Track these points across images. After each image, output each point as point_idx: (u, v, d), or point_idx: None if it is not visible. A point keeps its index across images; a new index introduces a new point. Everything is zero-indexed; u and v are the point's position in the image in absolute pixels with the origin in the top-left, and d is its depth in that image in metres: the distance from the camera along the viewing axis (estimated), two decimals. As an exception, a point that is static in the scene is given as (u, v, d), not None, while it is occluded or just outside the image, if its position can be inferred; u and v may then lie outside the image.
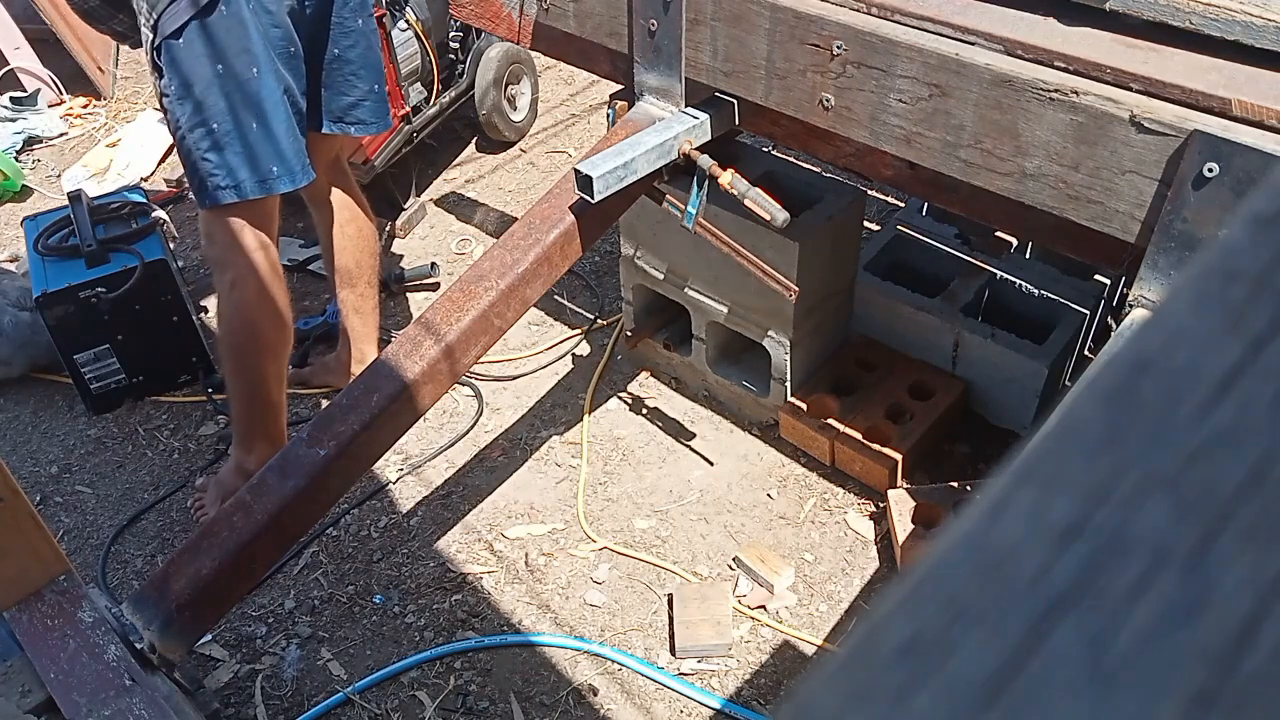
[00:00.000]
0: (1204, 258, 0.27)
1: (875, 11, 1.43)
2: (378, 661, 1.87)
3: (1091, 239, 1.36)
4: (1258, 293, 0.25)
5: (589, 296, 2.73)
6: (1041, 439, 0.24)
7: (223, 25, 1.69)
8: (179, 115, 1.77)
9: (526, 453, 2.28)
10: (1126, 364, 0.25)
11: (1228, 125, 1.15)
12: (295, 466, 1.54)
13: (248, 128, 1.77)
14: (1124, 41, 1.28)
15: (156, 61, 1.76)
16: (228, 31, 1.70)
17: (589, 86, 3.64)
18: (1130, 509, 0.22)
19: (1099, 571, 0.21)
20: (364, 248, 2.29)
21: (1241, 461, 0.23)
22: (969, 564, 0.22)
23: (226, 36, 1.70)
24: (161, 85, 1.77)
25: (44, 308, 2.23)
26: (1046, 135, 1.28)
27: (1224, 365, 0.24)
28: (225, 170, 1.79)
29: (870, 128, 1.47)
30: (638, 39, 1.72)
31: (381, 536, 2.11)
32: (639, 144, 1.65)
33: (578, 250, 1.75)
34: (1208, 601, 0.21)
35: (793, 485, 2.16)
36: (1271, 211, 0.27)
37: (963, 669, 0.20)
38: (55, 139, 3.66)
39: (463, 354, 1.64)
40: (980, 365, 2.13)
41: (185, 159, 1.82)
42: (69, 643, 1.39)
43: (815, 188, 2.10)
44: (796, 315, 2.04)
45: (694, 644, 1.83)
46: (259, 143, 1.79)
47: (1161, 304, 0.26)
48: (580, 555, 2.05)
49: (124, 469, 2.31)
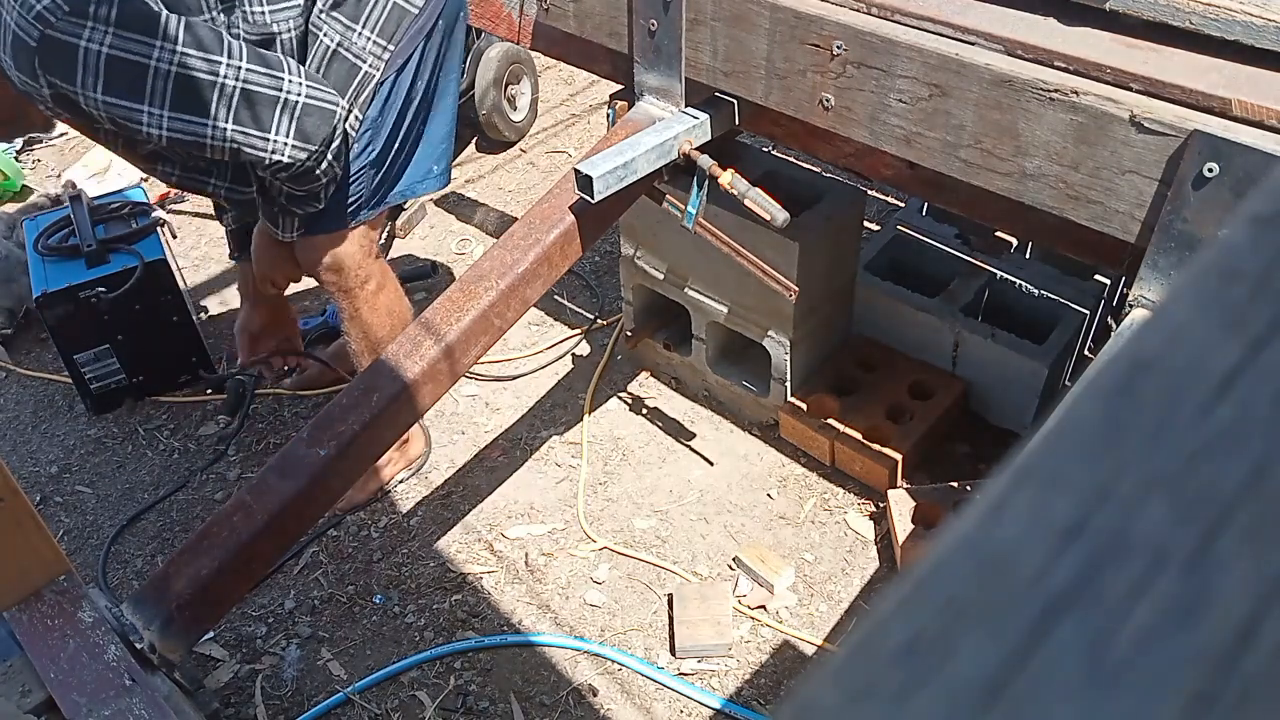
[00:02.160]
0: (1204, 258, 0.27)
1: (875, 11, 1.43)
2: (378, 661, 1.87)
3: (1091, 239, 1.36)
4: (1258, 293, 0.25)
5: (589, 296, 2.73)
6: (1041, 439, 0.24)
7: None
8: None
9: (526, 453, 2.28)
10: (1126, 364, 0.25)
11: (1228, 125, 1.15)
12: (295, 466, 1.54)
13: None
14: (1124, 41, 1.28)
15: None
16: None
17: (589, 86, 3.64)
18: (1130, 509, 0.22)
19: (1099, 571, 0.21)
20: None
21: (1241, 461, 0.23)
22: (969, 564, 0.22)
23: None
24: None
25: (44, 308, 2.23)
26: (1046, 135, 1.28)
27: (1224, 365, 0.24)
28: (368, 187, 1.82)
29: (870, 128, 1.47)
30: (638, 39, 1.72)
31: (381, 536, 2.11)
32: (639, 144, 1.65)
33: (578, 250, 1.75)
34: (1208, 601, 0.21)
35: (793, 485, 2.16)
36: (1271, 211, 0.27)
37: (963, 669, 0.20)
38: (55, 139, 3.66)
39: (463, 354, 1.64)
40: (980, 365, 2.13)
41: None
42: (69, 643, 1.39)
43: (815, 188, 2.10)
44: (796, 315, 2.04)
45: (694, 644, 1.83)
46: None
47: (1161, 304, 0.26)
48: (580, 555, 2.05)
49: (124, 469, 2.31)
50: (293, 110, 1.57)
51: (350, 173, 1.76)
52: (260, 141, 1.56)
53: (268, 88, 1.55)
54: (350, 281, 1.91)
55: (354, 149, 1.74)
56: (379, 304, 1.96)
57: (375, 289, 1.95)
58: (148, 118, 1.51)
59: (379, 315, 1.97)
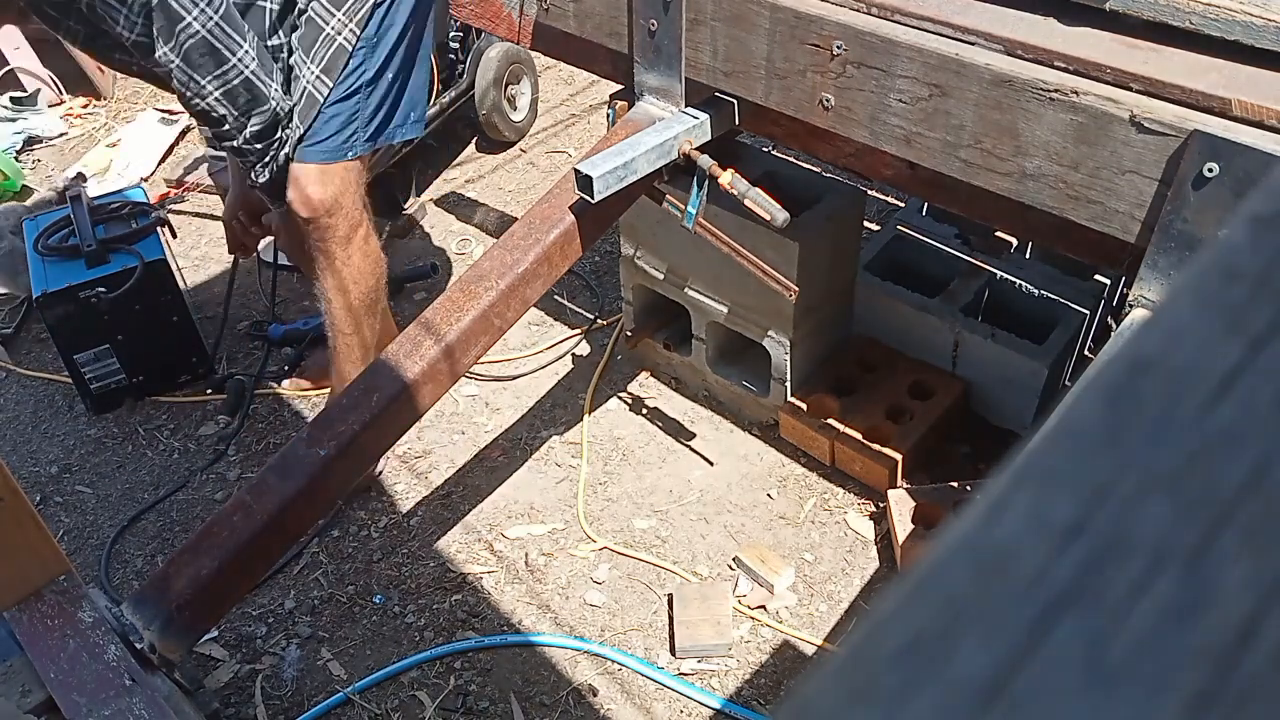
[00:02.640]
0: (1204, 258, 0.27)
1: (875, 11, 1.43)
2: (378, 661, 1.87)
3: (1091, 239, 1.36)
4: (1258, 293, 0.25)
5: (589, 296, 2.73)
6: (1041, 439, 0.24)
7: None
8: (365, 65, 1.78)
9: (526, 453, 2.28)
10: (1126, 364, 0.25)
11: (1228, 125, 1.15)
12: (295, 466, 1.54)
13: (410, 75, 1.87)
14: (1124, 41, 1.28)
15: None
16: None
17: (589, 86, 3.64)
18: (1130, 509, 0.22)
19: (1099, 571, 0.21)
20: None
21: (1241, 461, 0.23)
22: (969, 564, 0.22)
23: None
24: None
25: (44, 308, 2.23)
26: (1046, 135, 1.28)
27: (1224, 365, 0.24)
28: (366, 118, 1.83)
29: (870, 128, 1.47)
30: (638, 39, 1.72)
31: (381, 536, 2.11)
32: (639, 144, 1.65)
33: (578, 250, 1.75)
34: (1208, 601, 0.21)
35: (793, 485, 2.16)
36: (1271, 211, 0.27)
37: (963, 669, 0.20)
38: (55, 139, 3.66)
39: (463, 354, 1.64)
40: (980, 365, 2.13)
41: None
42: (69, 643, 1.39)
43: (815, 188, 2.10)
44: (796, 315, 2.04)
45: (694, 644, 1.83)
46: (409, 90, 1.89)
47: (1161, 304, 0.26)
48: (580, 555, 2.05)
49: (124, 469, 2.31)
50: (233, 78, 1.66)
51: (347, 94, 1.78)
52: (193, 85, 1.65)
53: (224, 46, 1.64)
54: (342, 226, 1.87)
55: (350, 65, 1.76)
56: (370, 249, 1.95)
57: (364, 237, 1.92)
58: (124, 19, 1.58)
59: (371, 260, 1.95)
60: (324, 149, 1.80)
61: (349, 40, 1.73)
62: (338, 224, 1.86)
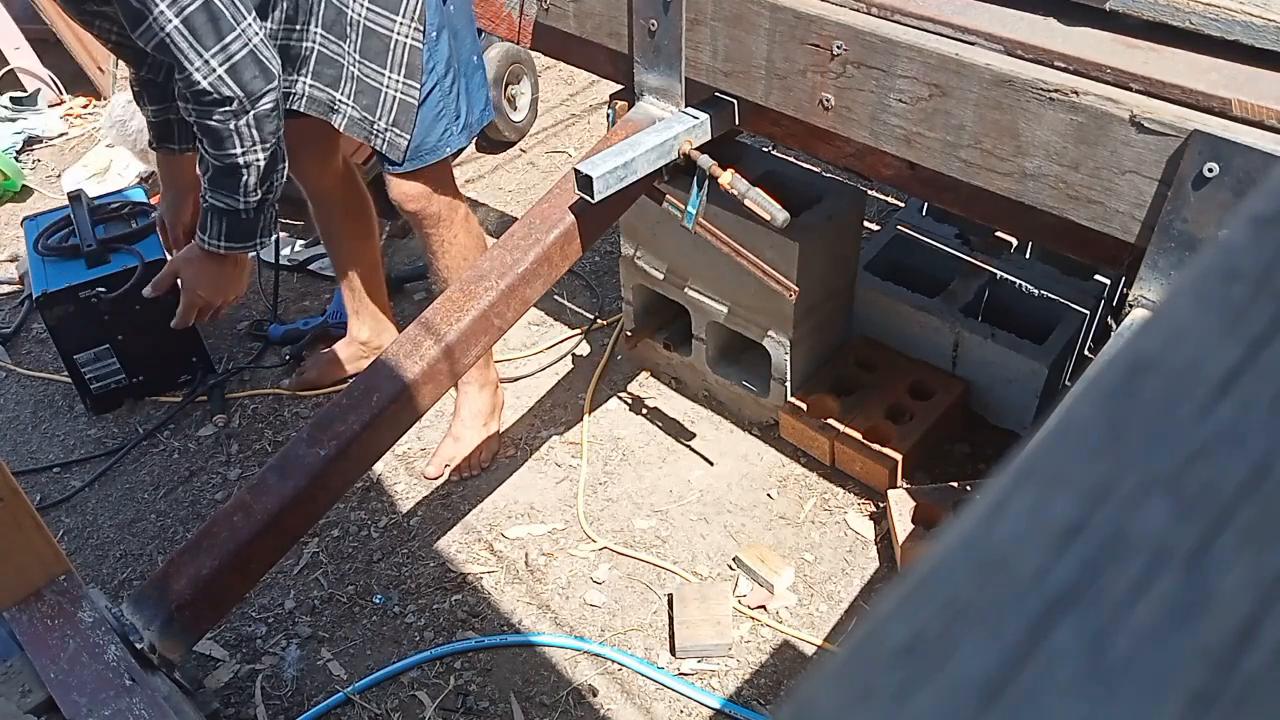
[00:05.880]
0: (1204, 258, 0.27)
1: (875, 11, 1.43)
2: (378, 661, 1.87)
3: (1091, 239, 1.35)
4: (1258, 293, 0.25)
5: (589, 296, 2.73)
6: (1041, 439, 0.24)
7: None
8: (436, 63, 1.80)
9: (526, 453, 2.28)
10: (1126, 364, 0.25)
11: (1228, 125, 1.15)
12: (295, 466, 1.54)
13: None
14: (1124, 41, 1.28)
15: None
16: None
17: (589, 86, 3.64)
18: (1130, 509, 0.22)
19: (1099, 571, 0.21)
20: (368, 246, 2.31)
21: (1241, 461, 0.23)
22: (969, 564, 0.22)
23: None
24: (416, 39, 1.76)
25: (44, 308, 2.23)
26: (1046, 135, 1.28)
27: (1224, 365, 0.24)
28: (461, 114, 1.88)
29: (870, 128, 1.47)
30: (638, 39, 1.72)
31: (381, 536, 2.11)
32: (639, 144, 1.65)
33: (578, 250, 1.75)
34: (1208, 601, 0.21)
35: (793, 485, 2.16)
36: (1271, 211, 0.27)
37: (963, 669, 0.20)
38: (55, 139, 3.66)
39: (463, 354, 1.64)
40: (980, 365, 2.13)
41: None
42: (69, 643, 1.39)
43: (815, 188, 2.10)
44: (796, 315, 2.04)
45: (694, 644, 1.83)
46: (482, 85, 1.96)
47: (1161, 304, 0.26)
48: (580, 555, 2.05)
49: (124, 469, 2.31)
50: (237, 51, 1.53)
51: (428, 96, 1.80)
52: (194, 55, 1.50)
53: (229, 16, 1.50)
54: (446, 211, 1.97)
55: (424, 62, 1.77)
56: (473, 227, 2.05)
57: (465, 216, 2.03)
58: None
59: (475, 236, 2.06)
60: (424, 150, 1.85)
61: (417, 40, 1.74)
62: (441, 211, 1.97)
